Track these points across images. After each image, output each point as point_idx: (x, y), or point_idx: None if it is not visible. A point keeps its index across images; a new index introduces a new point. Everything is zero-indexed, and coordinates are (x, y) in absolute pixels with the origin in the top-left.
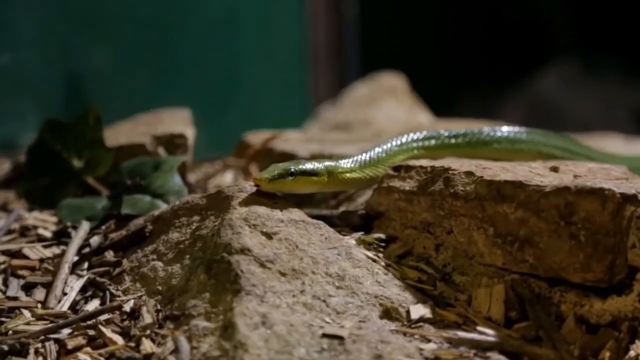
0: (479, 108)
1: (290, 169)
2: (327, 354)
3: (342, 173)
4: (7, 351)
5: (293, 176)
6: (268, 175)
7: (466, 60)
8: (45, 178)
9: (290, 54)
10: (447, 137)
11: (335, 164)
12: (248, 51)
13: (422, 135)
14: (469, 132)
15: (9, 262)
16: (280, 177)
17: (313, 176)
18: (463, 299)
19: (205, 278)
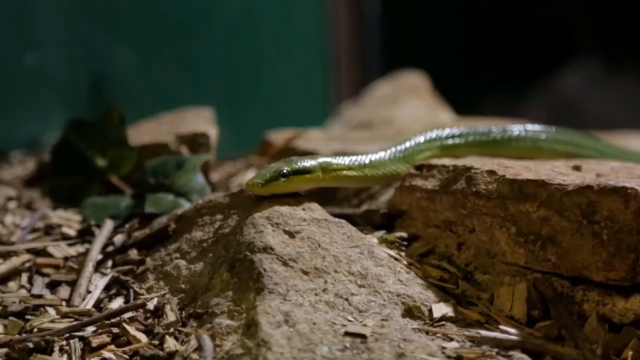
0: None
1: (282, 170)
2: (349, 352)
3: (337, 170)
4: (32, 349)
5: (285, 177)
6: (260, 179)
7: (488, 58)
8: (70, 177)
9: (312, 53)
10: (449, 137)
11: (329, 160)
12: (270, 50)
13: (421, 139)
14: (471, 131)
15: (33, 260)
16: (273, 180)
17: (306, 174)
18: (485, 298)
19: (228, 276)
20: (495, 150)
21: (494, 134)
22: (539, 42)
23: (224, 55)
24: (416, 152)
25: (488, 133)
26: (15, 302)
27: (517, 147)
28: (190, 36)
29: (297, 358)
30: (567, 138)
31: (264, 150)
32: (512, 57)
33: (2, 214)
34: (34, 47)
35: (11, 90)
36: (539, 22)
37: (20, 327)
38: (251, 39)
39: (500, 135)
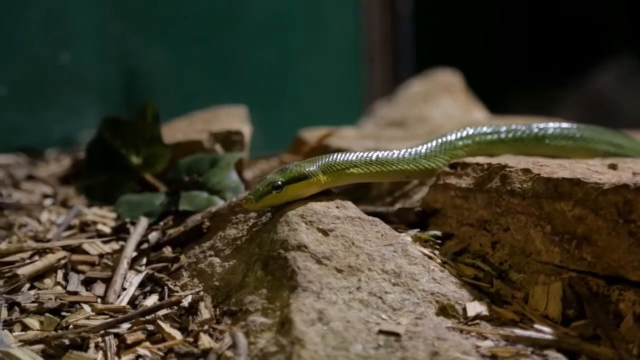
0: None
1: (275, 183)
2: (383, 350)
3: (343, 169)
4: (67, 345)
5: (279, 189)
6: (253, 196)
7: (522, 56)
8: (104, 174)
9: (345, 52)
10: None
11: (331, 159)
12: (303, 49)
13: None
14: (477, 132)
15: (69, 258)
16: (267, 194)
17: (303, 180)
18: (520, 297)
19: (262, 274)
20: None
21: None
22: (572, 41)
23: (257, 54)
24: (427, 156)
25: (498, 132)
26: (51, 298)
27: (552, 146)
28: (223, 34)
29: (330, 356)
30: (602, 137)
31: (297, 148)
32: (545, 56)
33: (38, 211)
34: (69, 46)
35: (46, 88)
36: (573, 20)
37: (56, 323)
38: (285, 37)
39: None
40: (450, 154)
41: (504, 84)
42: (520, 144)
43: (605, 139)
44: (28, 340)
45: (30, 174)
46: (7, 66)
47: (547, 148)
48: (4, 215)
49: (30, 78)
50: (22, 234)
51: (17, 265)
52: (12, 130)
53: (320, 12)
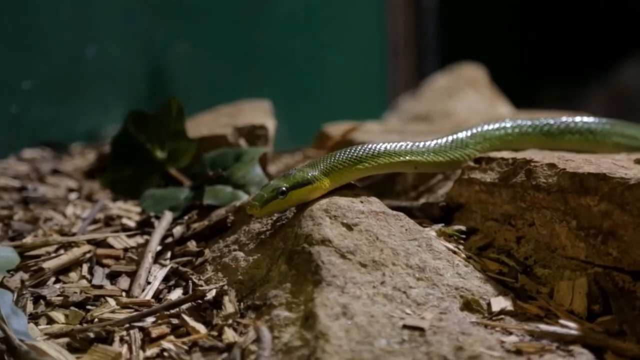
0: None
1: (279, 189)
2: (407, 345)
3: (345, 168)
4: (92, 338)
5: (284, 194)
6: (258, 202)
7: (548, 50)
8: (129, 168)
9: (370, 46)
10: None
11: (331, 161)
12: (328, 43)
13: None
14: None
15: (94, 251)
16: (272, 199)
17: (307, 185)
18: (545, 292)
19: (286, 268)
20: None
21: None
22: (599, 34)
23: (281, 48)
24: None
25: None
26: (76, 292)
27: (576, 140)
28: (248, 29)
29: (355, 350)
30: (629, 131)
31: (322, 143)
32: (571, 49)
33: (64, 205)
34: (95, 41)
35: (72, 83)
36: (600, 13)
37: (81, 317)
38: (309, 31)
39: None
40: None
41: (529, 78)
42: (527, 138)
43: (634, 134)
44: (53, 333)
45: (55, 168)
46: (33, 61)
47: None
48: (30, 209)
49: (56, 73)
50: (48, 228)
51: (42, 259)
52: (37, 125)
53: (344, 7)
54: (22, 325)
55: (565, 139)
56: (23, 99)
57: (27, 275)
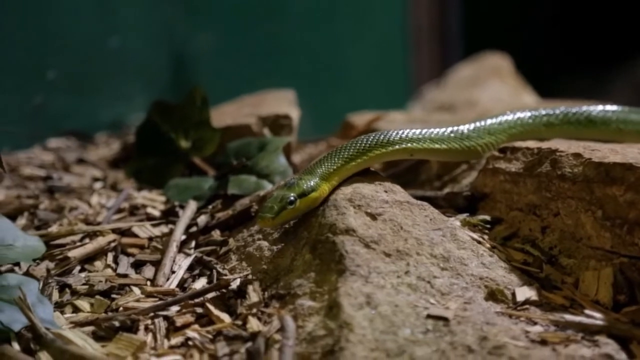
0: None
1: (289, 199)
2: (432, 335)
3: (339, 169)
4: (118, 327)
5: (293, 203)
6: (270, 214)
7: (572, 40)
8: (154, 158)
9: (393, 36)
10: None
11: (326, 165)
12: (351, 32)
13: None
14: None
15: (119, 240)
16: (283, 210)
17: (312, 193)
18: (570, 282)
19: (310, 258)
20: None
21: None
22: (624, 23)
23: (305, 38)
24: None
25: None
26: (101, 281)
27: (602, 130)
28: (272, 19)
29: (379, 340)
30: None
31: (346, 133)
32: (597, 39)
33: (89, 194)
34: (119, 31)
35: (97, 73)
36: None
37: (106, 305)
38: (333, 21)
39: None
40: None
41: (555, 66)
42: (531, 128)
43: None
44: (79, 322)
45: (80, 158)
46: (57, 51)
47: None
48: (55, 198)
49: (80, 63)
50: (73, 217)
51: (68, 247)
52: (62, 114)
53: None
54: (48, 314)
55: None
56: (47, 89)
57: (52, 264)
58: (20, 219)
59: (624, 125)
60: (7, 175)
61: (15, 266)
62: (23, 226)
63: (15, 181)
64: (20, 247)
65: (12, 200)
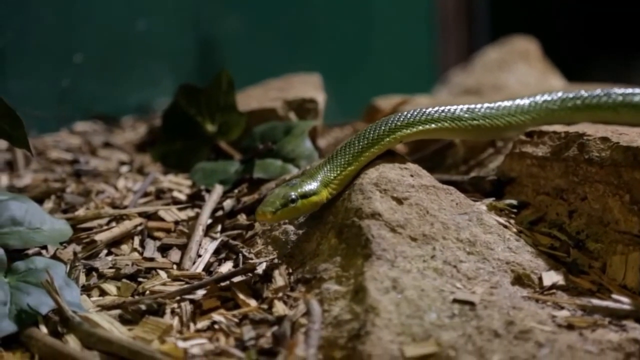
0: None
1: (291, 196)
2: (458, 319)
3: (338, 175)
4: (144, 310)
5: (294, 202)
6: (271, 208)
7: (600, 23)
8: (180, 142)
9: (419, 19)
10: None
11: (325, 171)
12: (378, 16)
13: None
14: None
15: (145, 224)
16: (283, 207)
17: (313, 196)
18: (597, 267)
19: (336, 242)
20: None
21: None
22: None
23: (331, 22)
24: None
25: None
26: (127, 264)
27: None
28: (298, 2)
29: (405, 324)
30: None
31: (371, 117)
32: (624, 22)
33: (115, 178)
34: (145, 15)
35: (123, 56)
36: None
37: (132, 289)
38: (359, 4)
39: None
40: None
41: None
42: (558, 111)
43: None
44: (105, 305)
45: (107, 141)
46: (84, 34)
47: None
48: (82, 182)
49: (107, 46)
50: (100, 201)
51: (94, 231)
52: (89, 98)
53: None
54: (75, 297)
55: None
56: (74, 72)
57: (79, 247)
58: (47, 203)
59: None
60: (35, 158)
61: (43, 249)
62: (50, 209)
63: (42, 165)
64: (48, 231)
65: (40, 184)
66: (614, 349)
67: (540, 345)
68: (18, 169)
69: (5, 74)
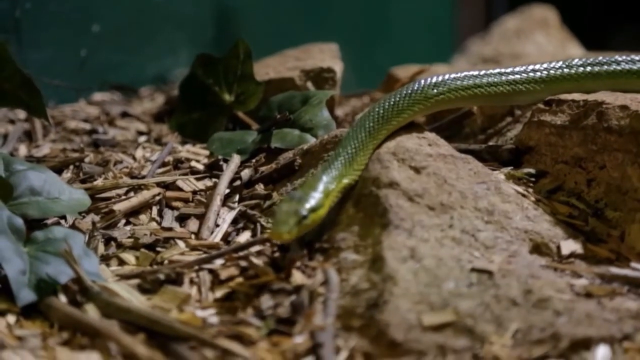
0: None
1: (302, 213)
2: (476, 288)
3: (337, 186)
4: (162, 280)
5: (306, 219)
6: (285, 228)
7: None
8: (197, 112)
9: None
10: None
11: (325, 181)
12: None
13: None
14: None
15: (163, 194)
16: (297, 225)
17: (320, 210)
18: (615, 235)
19: (354, 211)
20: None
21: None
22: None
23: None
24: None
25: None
26: (146, 234)
27: None
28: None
29: (423, 293)
30: None
31: (389, 86)
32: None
33: (133, 147)
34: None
35: (140, 26)
36: None
37: (151, 259)
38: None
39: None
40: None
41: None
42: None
43: None
44: (124, 274)
45: (125, 111)
46: (102, 4)
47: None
48: (100, 152)
49: (125, 16)
50: (118, 171)
51: (113, 201)
52: (107, 68)
53: None
54: (94, 267)
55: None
56: (92, 42)
57: (98, 217)
58: (65, 173)
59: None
60: (53, 128)
61: (61, 219)
62: (68, 179)
63: (60, 135)
64: (66, 200)
65: (58, 154)
66: (633, 317)
67: (558, 314)
68: (36, 139)
69: (23, 44)
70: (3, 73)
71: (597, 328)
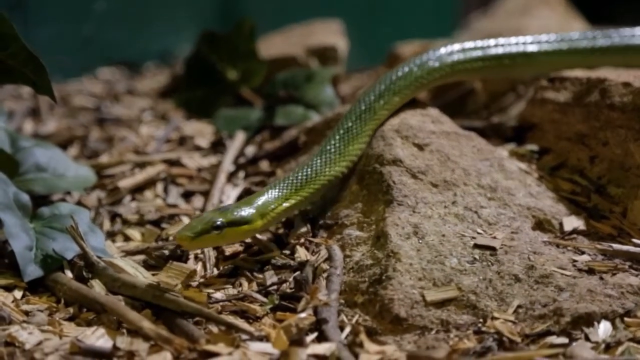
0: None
1: (215, 222)
2: (479, 264)
3: (277, 207)
4: (168, 256)
5: (219, 229)
6: (190, 232)
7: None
8: (202, 89)
9: None
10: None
11: (264, 200)
12: None
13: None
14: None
15: (168, 171)
16: (205, 233)
17: (243, 225)
18: (618, 211)
19: (357, 188)
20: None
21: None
22: None
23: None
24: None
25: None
26: (151, 210)
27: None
28: None
29: (426, 269)
30: None
31: (393, 62)
32: None
33: (138, 124)
34: None
35: (145, 3)
36: None
37: (156, 235)
38: None
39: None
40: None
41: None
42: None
43: None
44: (130, 250)
45: (129, 88)
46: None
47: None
48: (105, 129)
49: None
50: (123, 147)
51: (118, 177)
52: (111, 45)
53: None
54: (100, 242)
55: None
56: (97, 19)
57: (103, 193)
58: (71, 149)
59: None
60: (58, 105)
61: (67, 195)
62: (74, 156)
63: (65, 112)
64: (72, 177)
65: (63, 131)
66: (634, 292)
67: (561, 290)
68: (42, 116)
69: (29, 21)
70: (9, 50)
71: (599, 304)
